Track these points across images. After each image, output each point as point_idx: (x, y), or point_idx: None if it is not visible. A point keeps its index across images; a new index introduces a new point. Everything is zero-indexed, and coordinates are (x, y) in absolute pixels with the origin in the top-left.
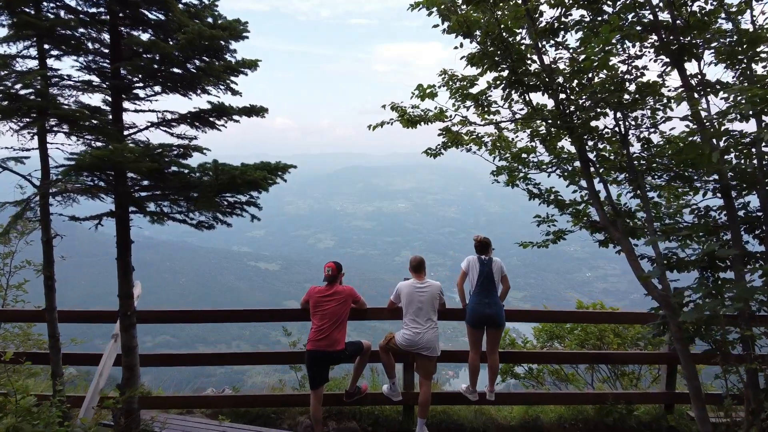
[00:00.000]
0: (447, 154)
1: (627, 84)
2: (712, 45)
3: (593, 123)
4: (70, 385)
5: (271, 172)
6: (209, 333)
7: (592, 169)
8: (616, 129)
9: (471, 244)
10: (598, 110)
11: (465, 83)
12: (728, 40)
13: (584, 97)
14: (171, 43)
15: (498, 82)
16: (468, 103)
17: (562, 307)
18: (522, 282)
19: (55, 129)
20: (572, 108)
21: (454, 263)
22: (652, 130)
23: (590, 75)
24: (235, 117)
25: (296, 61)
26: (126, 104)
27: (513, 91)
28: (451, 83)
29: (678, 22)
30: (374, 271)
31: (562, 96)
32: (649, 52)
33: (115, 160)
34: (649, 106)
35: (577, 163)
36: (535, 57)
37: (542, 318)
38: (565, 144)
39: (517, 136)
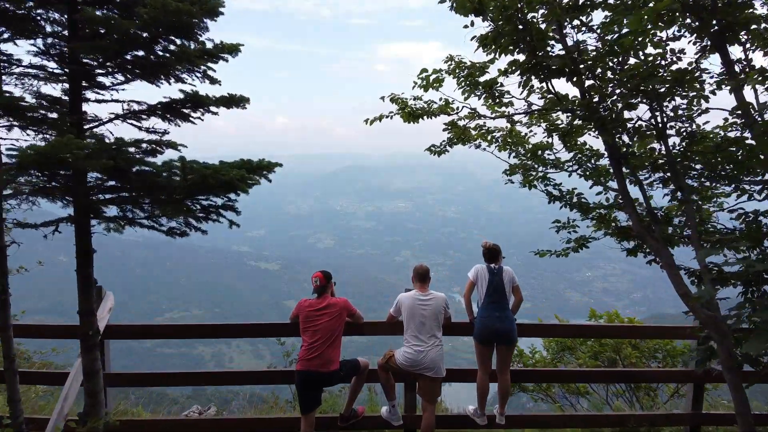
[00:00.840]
0: (447, 154)
1: (661, 70)
2: (752, 28)
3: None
4: (45, 400)
5: (252, 171)
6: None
7: (624, 168)
8: (652, 122)
9: (471, 243)
10: (633, 100)
11: (474, 70)
12: (764, 25)
13: (614, 84)
14: (134, 21)
15: (514, 68)
16: (478, 92)
17: (569, 312)
18: (522, 281)
19: None
20: (599, 97)
21: (454, 263)
22: (688, 123)
23: (620, 59)
24: (213, 108)
25: (296, 61)
26: (89, 94)
27: (533, 77)
28: (458, 71)
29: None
30: (374, 271)
31: (589, 83)
32: (687, 34)
33: (59, 156)
34: (691, 95)
35: (602, 161)
36: (557, 37)
37: (557, 333)
38: (588, 139)
39: (530, 131)
